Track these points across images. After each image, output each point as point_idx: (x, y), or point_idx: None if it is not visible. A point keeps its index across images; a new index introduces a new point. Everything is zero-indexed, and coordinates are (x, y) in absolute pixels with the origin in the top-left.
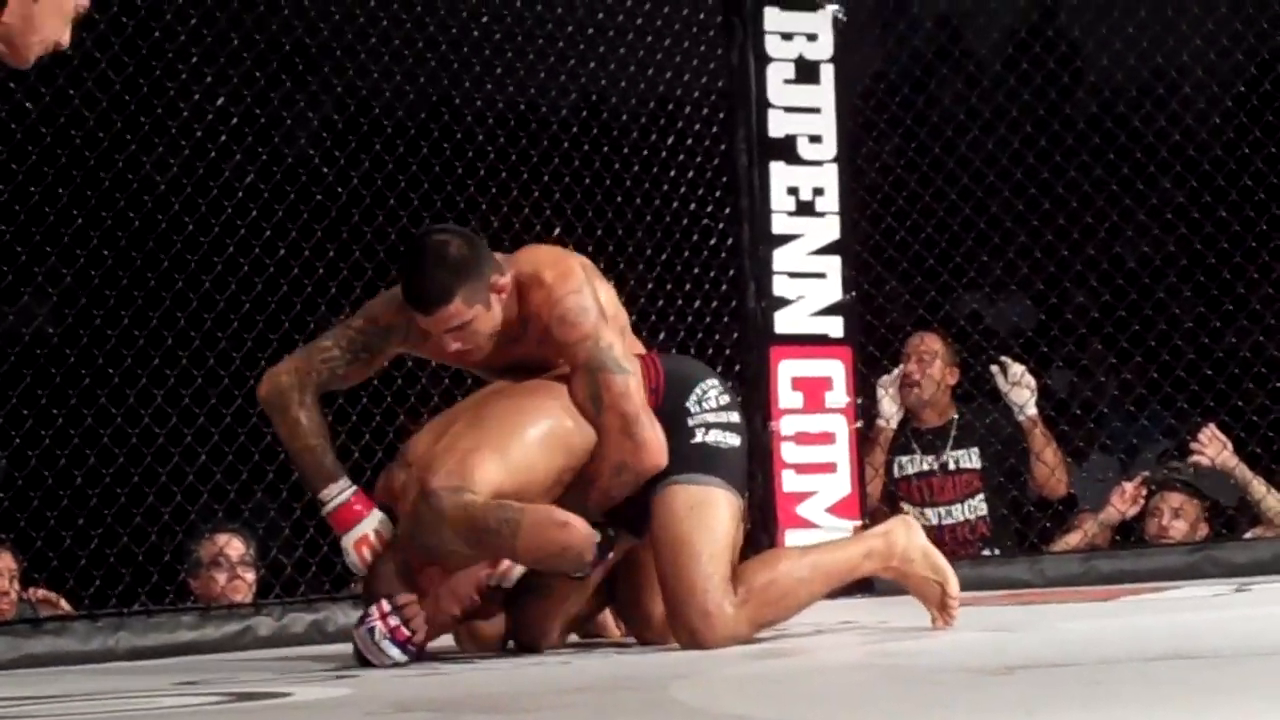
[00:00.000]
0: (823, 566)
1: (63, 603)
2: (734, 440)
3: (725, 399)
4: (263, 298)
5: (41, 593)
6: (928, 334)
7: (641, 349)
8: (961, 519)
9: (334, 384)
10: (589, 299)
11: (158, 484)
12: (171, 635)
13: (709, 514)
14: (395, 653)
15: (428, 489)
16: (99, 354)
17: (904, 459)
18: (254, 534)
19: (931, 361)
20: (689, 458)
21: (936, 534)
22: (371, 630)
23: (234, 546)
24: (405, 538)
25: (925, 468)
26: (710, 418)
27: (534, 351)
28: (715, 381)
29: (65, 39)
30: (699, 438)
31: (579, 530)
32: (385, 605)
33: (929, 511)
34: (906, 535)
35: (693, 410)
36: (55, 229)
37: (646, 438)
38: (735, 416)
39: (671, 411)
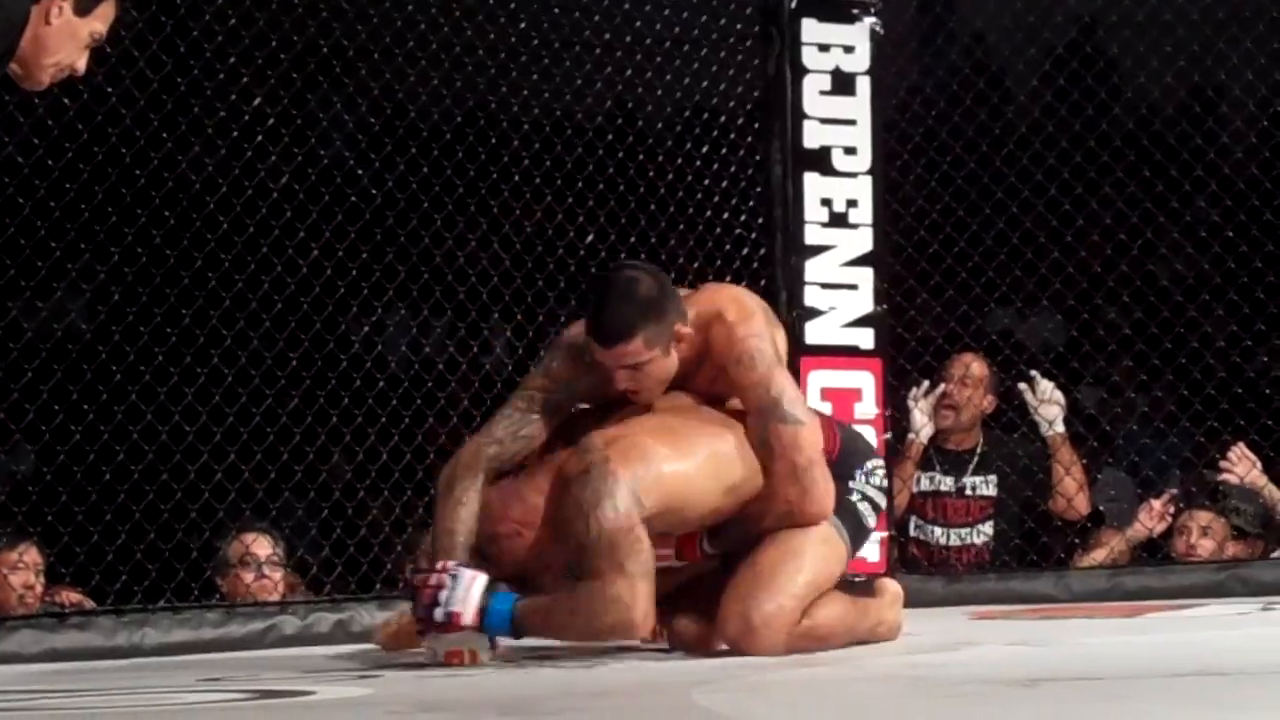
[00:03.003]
0: (855, 624)
1: (89, 603)
2: (872, 521)
3: (885, 484)
4: (295, 298)
5: (73, 595)
6: (974, 359)
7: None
8: (968, 543)
9: (519, 453)
10: (768, 344)
11: (186, 481)
12: (196, 632)
13: (830, 556)
14: None
15: (608, 468)
16: (130, 351)
17: (924, 475)
18: (281, 533)
19: (974, 387)
20: (842, 506)
21: (941, 553)
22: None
23: (261, 545)
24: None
25: (943, 488)
26: (869, 492)
27: (704, 389)
28: (881, 464)
29: (80, 65)
30: (854, 500)
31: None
32: None
33: (937, 530)
34: (898, 613)
35: (857, 479)
36: (89, 226)
37: (815, 487)
38: (883, 502)
39: (838, 475)
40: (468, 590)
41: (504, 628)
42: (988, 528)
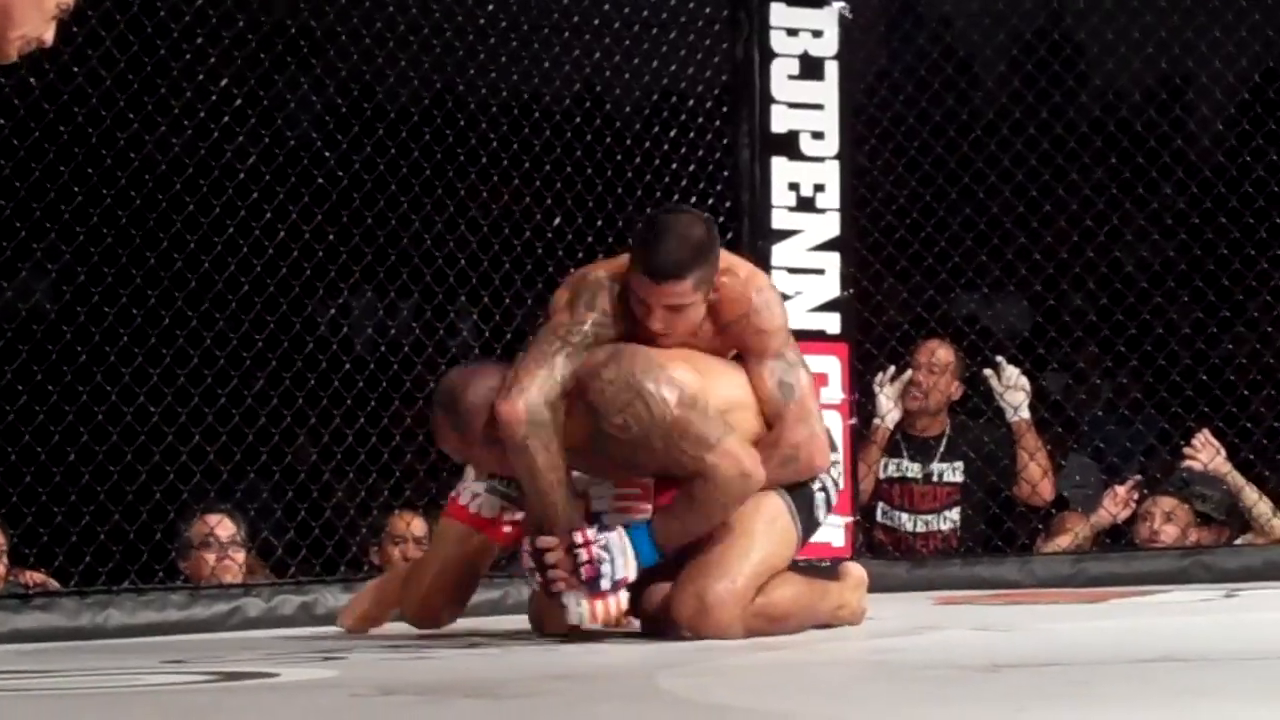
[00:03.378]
0: (812, 604)
1: (53, 584)
2: (824, 515)
3: (841, 482)
4: (261, 280)
5: (37, 576)
6: (940, 345)
7: None
8: (935, 529)
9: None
10: (779, 298)
11: (151, 463)
12: (160, 614)
13: (780, 536)
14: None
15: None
16: (96, 331)
17: (890, 461)
18: (245, 515)
19: (942, 373)
20: (799, 492)
21: (908, 540)
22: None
23: (224, 527)
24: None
25: (910, 474)
26: (828, 484)
27: (707, 339)
28: (840, 457)
29: (48, 36)
30: (813, 488)
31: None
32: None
33: (905, 517)
34: (861, 597)
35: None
36: (55, 206)
37: (821, 435)
38: (835, 499)
39: None
40: (624, 553)
41: (653, 559)
42: (954, 514)
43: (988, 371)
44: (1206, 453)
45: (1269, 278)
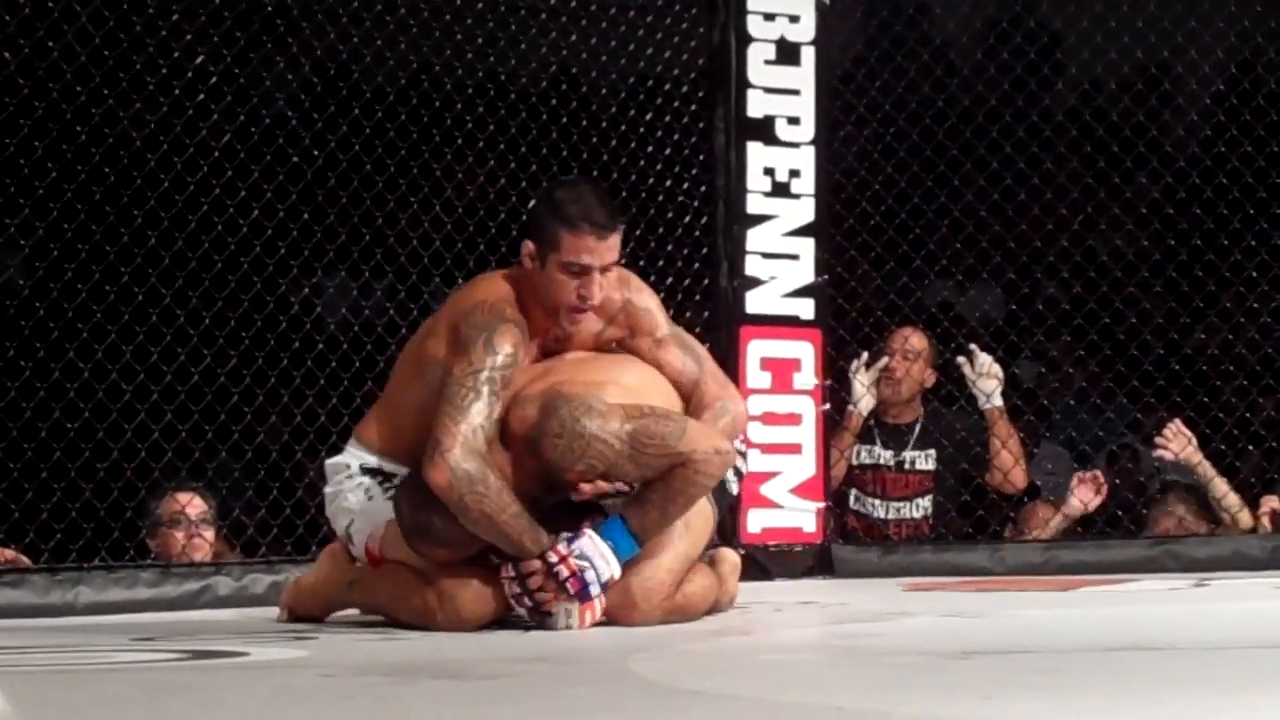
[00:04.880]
0: (712, 596)
1: (23, 561)
2: (735, 486)
3: (745, 449)
4: (235, 259)
5: (7, 553)
6: (913, 332)
7: None
8: (907, 516)
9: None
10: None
11: (122, 440)
12: (130, 592)
13: (702, 523)
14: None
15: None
16: (69, 308)
17: (863, 448)
18: (216, 494)
19: (915, 360)
20: None
21: (880, 527)
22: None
23: (194, 505)
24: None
25: (882, 461)
26: (737, 457)
27: (596, 339)
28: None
29: None
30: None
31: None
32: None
33: (877, 504)
34: (736, 583)
35: None
36: (29, 182)
37: (734, 388)
38: (745, 468)
39: None
40: (601, 555)
41: (633, 549)
42: (926, 502)
43: (961, 359)
44: (1178, 442)
45: (1242, 268)
